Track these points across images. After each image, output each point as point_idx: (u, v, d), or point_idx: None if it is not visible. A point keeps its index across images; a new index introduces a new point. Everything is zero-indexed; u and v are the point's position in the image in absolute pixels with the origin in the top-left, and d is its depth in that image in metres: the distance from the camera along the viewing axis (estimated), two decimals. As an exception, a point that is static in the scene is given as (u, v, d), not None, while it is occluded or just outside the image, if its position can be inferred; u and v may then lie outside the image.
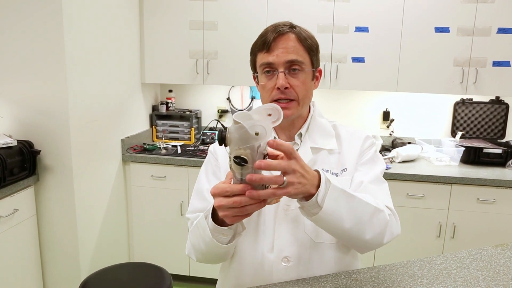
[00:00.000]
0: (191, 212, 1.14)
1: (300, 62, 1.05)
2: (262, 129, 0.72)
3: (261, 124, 0.72)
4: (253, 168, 0.75)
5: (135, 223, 2.94)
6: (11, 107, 2.27)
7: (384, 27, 2.71)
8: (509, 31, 2.59)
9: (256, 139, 0.72)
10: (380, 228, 0.98)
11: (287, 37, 1.05)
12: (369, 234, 0.96)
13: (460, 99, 3.04)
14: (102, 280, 1.82)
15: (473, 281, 1.01)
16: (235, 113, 0.74)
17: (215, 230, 0.95)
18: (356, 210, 0.94)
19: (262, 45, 1.06)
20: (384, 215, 0.99)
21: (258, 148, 0.73)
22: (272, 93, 1.07)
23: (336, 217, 0.90)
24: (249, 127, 0.71)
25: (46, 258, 2.43)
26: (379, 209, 0.98)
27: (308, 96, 1.10)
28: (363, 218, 0.95)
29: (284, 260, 1.08)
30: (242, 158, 0.73)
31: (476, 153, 2.72)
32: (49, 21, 2.16)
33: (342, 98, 3.19)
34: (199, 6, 2.88)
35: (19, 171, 2.15)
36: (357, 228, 0.94)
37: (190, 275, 2.94)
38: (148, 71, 3.04)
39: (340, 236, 0.97)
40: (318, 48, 1.12)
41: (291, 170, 0.80)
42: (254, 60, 1.12)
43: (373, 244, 0.99)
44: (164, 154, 2.85)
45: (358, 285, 1.00)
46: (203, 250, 1.03)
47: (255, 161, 0.74)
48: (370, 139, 1.18)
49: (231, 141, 0.73)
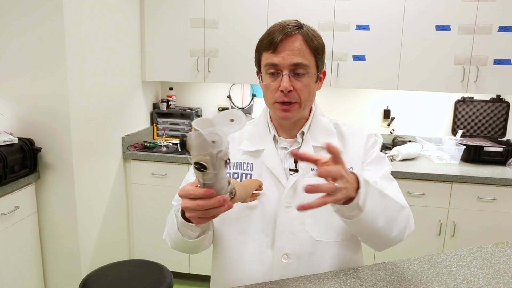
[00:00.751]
0: (176, 200, 1.17)
1: (305, 66, 1.05)
2: (218, 137, 0.73)
3: (217, 133, 0.73)
4: (214, 173, 0.77)
5: (135, 221, 2.95)
6: (12, 105, 2.27)
7: (385, 25, 2.71)
8: (510, 30, 2.59)
9: (213, 147, 0.73)
10: (404, 225, 1.02)
11: (294, 38, 1.04)
12: (395, 231, 0.99)
13: (461, 97, 3.04)
14: (103, 277, 1.82)
15: (473, 279, 1.02)
16: (195, 120, 0.75)
17: (183, 225, 0.97)
18: (389, 209, 0.97)
19: (268, 44, 1.05)
20: (406, 212, 1.03)
21: (217, 154, 0.75)
22: (276, 94, 1.07)
23: (372, 217, 0.92)
24: (206, 134, 0.72)
25: (47, 255, 2.44)
26: (403, 206, 1.02)
27: (310, 98, 1.10)
28: (393, 216, 0.98)
29: (284, 257, 1.08)
30: (201, 165, 0.75)
31: (477, 152, 2.72)
32: (50, 19, 2.16)
33: (343, 96, 3.19)
34: (200, 4, 2.88)
35: (20, 169, 2.15)
36: (387, 226, 0.97)
37: (190, 272, 2.95)
38: (149, 69, 3.04)
39: (370, 235, 0.99)
40: (324, 49, 1.11)
41: (339, 176, 0.83)
42: (259, 58, 1.11)
43: (395, 240, 1.02)
44: (164, 152, 2.85)
45: (359, 282, 1.00)
46: (174, 239, 1.06)
47: (215, 166, 0.76)
48: (372, 137, 1.18)
49: (191, 147, 0.74)
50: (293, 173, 1.10)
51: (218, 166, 0.76)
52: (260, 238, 1.10)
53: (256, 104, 3.32)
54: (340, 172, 0.82)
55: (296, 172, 1.10)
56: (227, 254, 1.15)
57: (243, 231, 1.11)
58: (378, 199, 0.93)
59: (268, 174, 1.11)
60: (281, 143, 1.15)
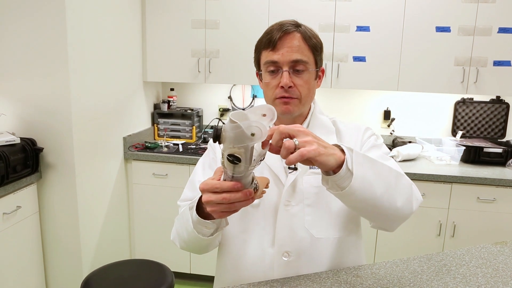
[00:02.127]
0: (182, 200, 1.18)
1: (305, 62, 1.07)
2: (258, 130, 0.72)
3: (257, 125, 0.72)
4: (245, 167, 0.76)
5: (136, 221, 2.96)
6: (15, 105, 2.28)
7: (385, 27, 2.72)
8: (510, 31, 2.60)
9: (251, 140, 0.72)
10: (408, 193, 0.95)
11: (292, 36, 1.06)
12: (400, 200, 0.92)
13: (460, 98, 3.05)
14: (104, 277, 1.83)
15: (472, 277, 1.02)
16: (232, 112, 0.75)
17: (198, 222, 0.96)
18: (382, 175, 0.90)
19: (267, 43, 1.07)
20: (406, 178, 0.97)
21: (252, 148, 0.74)
22: (276, 91, 1.08)
23: (366, 185, 0.86)
24: (246, 127, 0.71)
25: (48, 255, 2.45)
26: (400, 173, 0.97)
27: (310, 95, 1.12)
28: (390, 183, 0.91)
29: (284, 255, 1.09)
30: (236, 157, 0.74)
31: (477, 153, 2.73)
32: (52, 20, 2.17)
33: (343, 97, 3.20)
34: (201, 5, 2.89)
35: (22, 169, 2.16)
36: (388, 194, 0.90)
37: (191, 272, 2.96)
38: (150, 69, 3.05)
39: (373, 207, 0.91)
40: (322, 48, 1.12)
41: (296, 132, 0.80)
42: (258, 58, 1.13)
43: (404, 211, 0.94)
44: (165, 152, 2.86)
45: (359, 281, 1.01)
46: (186, 239, 1.05)
47: (248, 160, 0.75)
48: (369, 130, 1.19)
49: (226, 139, 0.73)
50: (292, 171, 1.11)
51: (250, 160, 0.75)
52: (261, 236, 1.11)
53: (256, 105, 3.32)
54: (294, 128, 0.80)
55: (295, 170, 1.11)
56: (229, 252, 1.16)
57: (245, 229, 1.12)
58: (367, 164, 0.87)
59: (268, 171, 1.12)
60: None
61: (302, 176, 1.11)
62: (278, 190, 1.11)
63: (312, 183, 1.10)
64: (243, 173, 0.77)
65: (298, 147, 0.78)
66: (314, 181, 1.10)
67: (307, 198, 1.09)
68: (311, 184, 1.10)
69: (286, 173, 1.12)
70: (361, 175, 0.85)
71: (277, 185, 1.11)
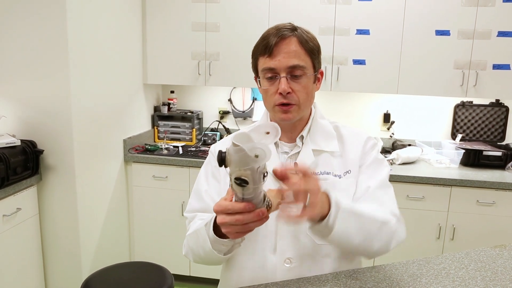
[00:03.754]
0: (189, 212, 1.17)
1: (302, 67, 1.06)
2: (261, 151, 0.72)
3: (260, 147, 0.72)
4: (254, 188, 0.77)
5: (136, 223, 2.96)
6: (15, 107, 2.29)
7: (385, 30, 2.73)
8: (509, 35, 2.61)
9: (256, 161, 0.72)
10: (387, 238, 1.01)
11: (288, 41, 1.05)
12: (376, 246, 1.00)
13: (460, 101, 3.06)
14: (104, 279, 1.83)
15: (472, 281, 1.03)
16: (234, 135, 0.74)
17: (215, 241, 0.96)
18: (364, 228, 0.97)
19: (264, 49, 1.06)
20: (390, 226, 1.01)
21: (258, 168, 0.74)
22: (275, 97, 1.08)
23: (345, 237, 0.94)
24: (249, 149, 0.71)
25: (48, 257, 2.45)
26: (385, 222, 1.00)
27: (309, 99, 1.11)
28: (371, 233, 0.98)
29: (286, 261, 1.09)
30: (243, 180, 0.74)
31: (476, 156, 2.74)
32: (53, 22, 2.18)
33: (343, 100, 3.21)
34: (201, 8, 2.90)
35: (22, 171, 2.17)
36: (365, 243, 0.98)
37: (191, 275, 2.95)
38: (150, 72, 3.06)
39: (349, 251, 1.03)
40: (320, 50, 1.12)
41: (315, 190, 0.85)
42: (255, 64, 1.12)
43: (379, 252, 1.02)
44: (165, 155, 2.87)
45: (358, 284, 1.01)
46: (202, 256, 1.05)
47: (255, 181, 0.75)
48: (371, 140, 1.19)
49: (231, 162, 0.74)
50: None
51: (258, 180, 0.76)
52: (263, 243, 1.10)
53: (256, 108, 3.33)
54: (315, 186, 0.85)
55: None
56: (232, 259, 1.15)
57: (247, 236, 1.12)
58: (352, 219, 0.94)
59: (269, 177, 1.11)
60: (282, 147, 1.16)
61: None
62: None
63: None
64: (252, 194, 0.78)
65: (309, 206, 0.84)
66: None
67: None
68: None
69: None
70: (342, 230, 0.92)
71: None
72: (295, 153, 1.14)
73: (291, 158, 1.14)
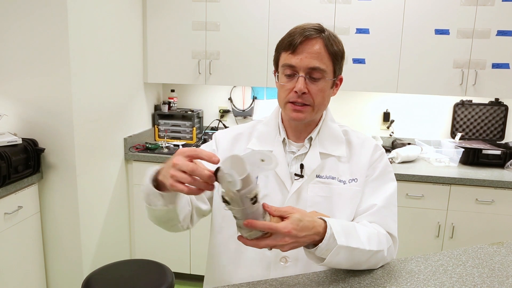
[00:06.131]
0: None
1: (322, 70, 1.05)
2: (244, 183, 0.77)
3: (244, 177, 0.77)
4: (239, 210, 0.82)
5: (137, 221, 2.97)
6: (16, 106, 2.30)
7: (384, 29, 2.74)
8: (508, 34, 2.62)
9: (233, 185, 0.77)
10: (376, 263, 1.07)
11: (314, 42, 1.04)
12: (366, 267, 1.06)
13: (459, 100, 3.06)
14: (105, 276, 1.84)
15: (469, 277, 1.04)
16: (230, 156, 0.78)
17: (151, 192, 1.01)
18: (355, 259, 1.01)
19: (288, 45, 1.05)
20: (382, 254, 1.05)
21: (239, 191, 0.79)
22: (289, 94, 1.07)
23: (336, 264, 1.00)
24: (234, 181, 0.76)
25: (49, 254, 2.46)
26: (378, 251, 1.04)
27: (324, 103, 1.11)
28: (360, 262, 1.03)
29: (282, 260, 1.10)
30: (224, 199, 0.82)
31: (475, 154, 2.75)
32: (54, 21, 2.19)
33: (343, 99, 3.22)
34: (201, 7, 2.91)
35: (24, 169, 2.18)
36: (355, 267, 1.05)
37: (191, 273, 2.97)
38: (151, 71, 3.07)
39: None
40: (344, 56, 1.10)
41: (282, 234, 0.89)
42: (277, 58, 1.11)
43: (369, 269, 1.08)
44: (166, 153, 2.88)
45: (357, 280, 1.02)
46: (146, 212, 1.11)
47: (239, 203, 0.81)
48: (379, 150, 1.18)
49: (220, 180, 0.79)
50: (298, 178, 1.11)
51: (242, 203, 0.81)
52: None
53: (256, 106, 3.34)
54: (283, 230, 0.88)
55: (301, 177, 1.11)
56: (227, 254, 1.16)
57: None
58: (344, 253, 0.97)
59: (274, 177, 1.12)
60: (290, 147, 1.16)
61: (308, 184, 1.11)
62: (282, 196, 1.11)
63: (317, 192, 1.11)
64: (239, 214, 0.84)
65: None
66: (320, 190, 1.11)
67: (311, 206, 1.10)
68: (316, 193, 1.11)
69: (292, 180, 1.12)
70: (332, 261, 0.96)
71: (281, 191, 1.11)
72: (301, 154, 1.15)
73: (297, 159, 1.15)
